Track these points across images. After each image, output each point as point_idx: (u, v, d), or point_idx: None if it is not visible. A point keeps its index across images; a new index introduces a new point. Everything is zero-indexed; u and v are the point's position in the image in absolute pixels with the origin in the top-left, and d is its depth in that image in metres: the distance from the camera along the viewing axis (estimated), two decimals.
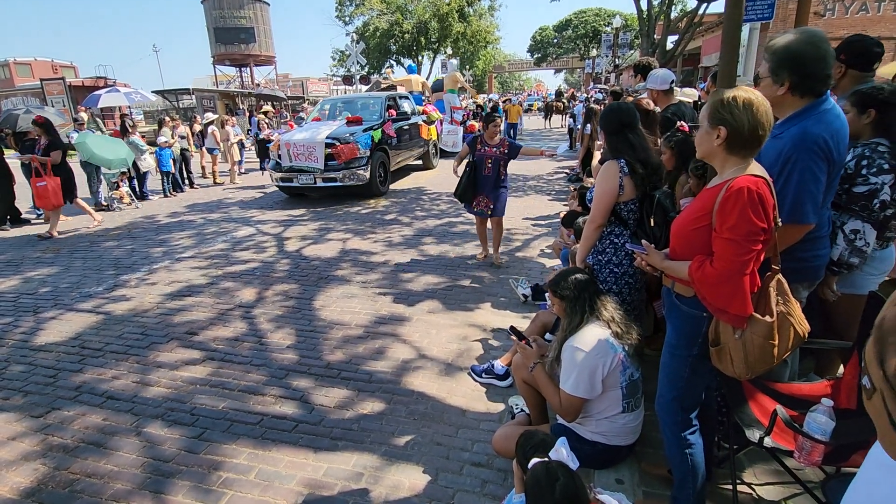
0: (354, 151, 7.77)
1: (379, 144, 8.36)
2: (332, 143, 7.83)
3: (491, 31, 36.48)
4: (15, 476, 2.24)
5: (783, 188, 1.66)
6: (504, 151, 4.58)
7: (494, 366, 2.91)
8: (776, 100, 1.70)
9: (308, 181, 8.03)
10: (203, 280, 4.71)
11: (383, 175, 8.70)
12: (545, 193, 8.49)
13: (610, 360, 1.88)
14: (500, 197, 4.69)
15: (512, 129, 16.04)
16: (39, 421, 2.65)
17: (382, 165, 8.61)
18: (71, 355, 3.36)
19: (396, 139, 9.17)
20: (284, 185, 8.44)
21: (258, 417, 2.63)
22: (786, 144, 1.66)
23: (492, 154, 4.55)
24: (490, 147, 4.58)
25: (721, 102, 1.44)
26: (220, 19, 34.66)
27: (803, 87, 1.66)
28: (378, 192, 8.40)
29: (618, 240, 2.31)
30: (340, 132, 8.09)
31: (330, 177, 7.89)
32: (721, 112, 1.43)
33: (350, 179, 7.90)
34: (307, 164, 7.93)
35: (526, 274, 4.63)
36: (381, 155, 8.49)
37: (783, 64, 1.65)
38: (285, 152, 8.05)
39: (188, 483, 2.18)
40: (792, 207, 1.65)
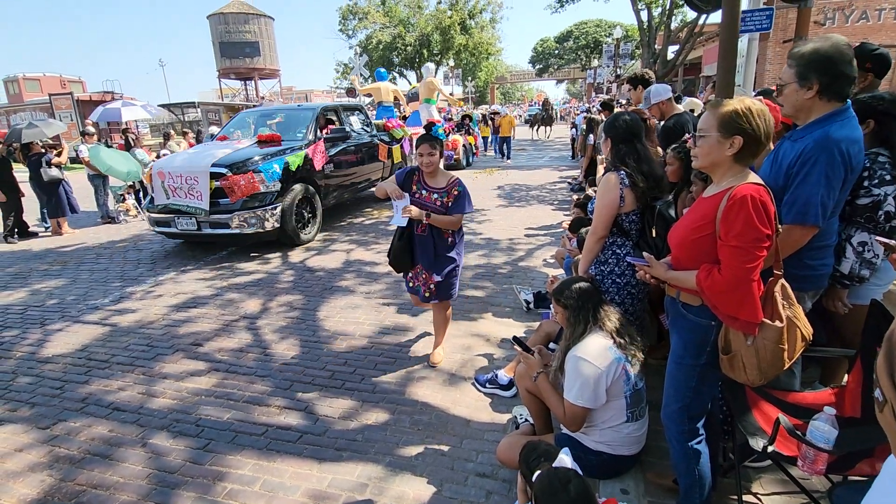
0: (254, 185, 5.56)
1: (299, 174, 6.13)
2: (220, 172, 5.57)
3: (493, 43, 36.90)
4: (22, 487, 2.26)
5: (797, 188, 1.68)
6: (449, 202, 2.92)
7: (498, 376, 2.91)
8: (802, 104, 1.72)
9: (189, 226, 5.70)
10: (208, 291, 4.75)
11: (309, 216, 6.36)
12: (548, 203, 8.52)
13: (613, 370, 1.89)
14: (447, 271, 3.02)
15: (505, 144, 14.96)
16: (46, 432, 2.67)
17: (306, 203, 6.31)
18: (77, 367, 3.38)
19: (334, 165, 6.94)
20: (162, 231, 6.11)
21: (263, 428, 2.64)
22: (807, 145, 1.68)
23: (430, 203, 2.91)
24: (429, 191, 2.94)
25: (737, 113, 1.46)
26: (226, 34, 35.21)
27: (832, 90, 1.67)
28: (297, 239, 6.09)
29: (620, 250, 2.32)
30: (237, 157, 5.82)
31: (220, 221, 5.58)
32: (738, 122, 1.45)
33: (249, 226, 5.57)
34: (187, 203, 5.64)
35: (529, 284, 4.64)
36: (303, 189, 6.17)
37: (812, 67, 1.66)
38: (158, 184, 5.83)
39: (193, 494, 2.19)
40: (801, 208, 1.67)
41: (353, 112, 8.25)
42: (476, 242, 6.14)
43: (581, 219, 3.96)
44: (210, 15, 35.38)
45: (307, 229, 6.36)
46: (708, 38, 17.65)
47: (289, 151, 6.15)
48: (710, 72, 18.08)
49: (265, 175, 5.69)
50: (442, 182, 2.95)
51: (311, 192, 6.40)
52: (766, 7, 6.40)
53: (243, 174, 5.59)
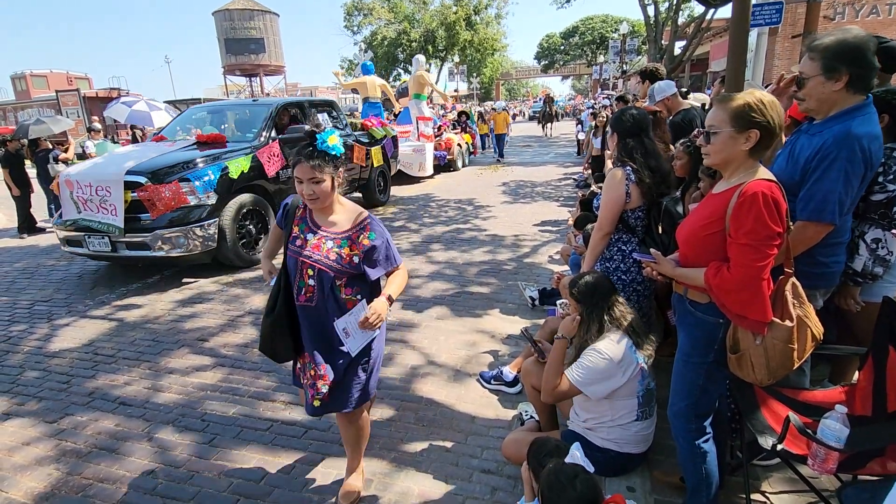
0: (180, 196, 4.52)
1: (244, 181, 5.10)
2: (137, 181, 4.56)
3: (498, 39, 36.74)
4: (29, 481, 2.27)
5: (814, 184, 1.64)
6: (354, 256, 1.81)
7: (503, 372, 2.90)
8: (828, 97, 1.66)
9: (102, 247, 4.70)
10: (214, 287, 4.76)
11: (260, 232, 5.33)
12: (553, 199, 8.49)
13: (631, 371, 1.87)
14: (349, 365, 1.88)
15: (499, 141, 14.46)
16: (53, 426, 2.68)
17: (255, 217, 5.21)
18: (84, 361, 3.40)
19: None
20: (73, 251, 5.02)
21: (268, 423, 2.64)
22: (827, 141, 1.63)
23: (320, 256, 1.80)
24: (320, 236, 1.83)
25: (750, 106, 1.42)
26: (231, 30, 35.24)
27: (861, 81, 1.62)
28: (240, 261, 5.07)
29: (625, 247, 2.30)
30: (159, 163, 4.79)
31: (138, 241, 4.57)
32: (751, 115, 1.42)
33: (176, 247, 4.54)
34: (99, 219, 4.62)
35: (534, 280, 4.62)
36: (251, 200, 5.14)
37: (840, 58, 1.60)
38: (67, 196, 4.84)
39: (199, 488, 2.19)
40: (818, 205, 1.63)
41: (323, 109, 7.19)
42: (481, 239, 6.13)
43: (586, 215, 3.94)
44: (215, 11, 35.41)
45: (258, 247, 5.28)
46: (715, 33, 17.48)
47: (230, 155, 5.14)
48: (717, 67, 17.93)
49: (196, 184, 4.61)
50: (343, 222, 1.84)
51: (261, 203, 5.35)
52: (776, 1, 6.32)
53: (167, 184, 4.55)
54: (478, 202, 8.46)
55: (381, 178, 8.25)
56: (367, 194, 8.10)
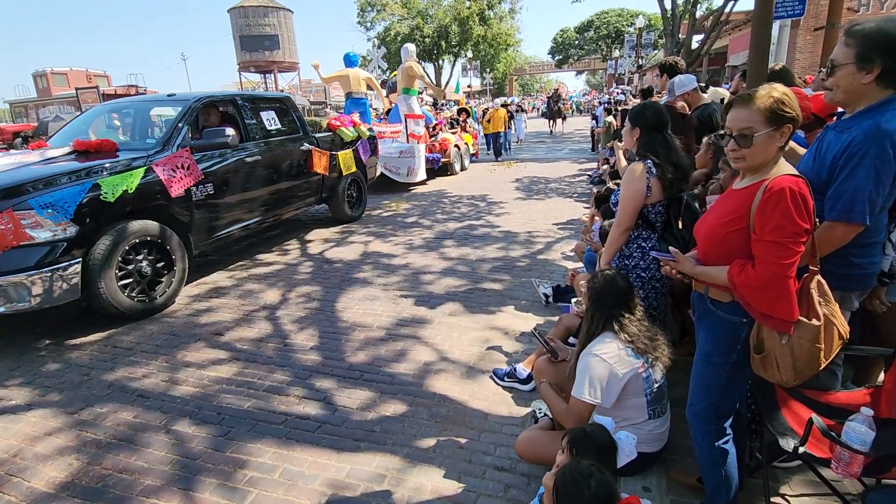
0: (18, 230, 3.29)
1: (135, 204, 3.85)
2: None
3: (511, 34, 36.44)
4: (51, 470, 2.32)
5: (842, 183, 1.58)
6: None
7: (517, 369, 2.89)
8: (857, 89, 1.59)
9: None
10: (229, 282, 4.81)
11: (160, 270, 4.05)
12: (567, 196, 8.42)
13: (630, 371, 1.84)
14: None
15: (496, 140, 13.68)
16: (74, 417, 2.74)
17: (151, 250, 3.97)
18: (104, 354, 3.46)
19: (217, 187, 4.55)
20: None
21: (282, 417, 2.67)
22: (856, 137, 1.56)
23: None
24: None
25: (781, 102, 1.38)
26: (246, 27, 35.54)
27: (893, 75, 1.55)
28: (126, 311, 3.80)
29: (645, 244, 2.26)
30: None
31: None
32: (784, 111, 1.38)
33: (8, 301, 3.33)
34: None
35: (548, 277, 4.59)
36: (141, 229, 3.85)
37: (876, 48, 1.53)
38: None
39: (215, 481, 2.22)
40: (846, 205, 1.57)
41: (269, 106, 5.69)
42: (494, 235, 6.10)
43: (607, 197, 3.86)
44: (231, 9, 35.73)
45: (158, 289, 4.04)
46: (734, 26, 17.14)
47: (109, 169, 3.78)
48: (736, 61, 17.59)
49: (44, 213, 3.34)
50: None
51: (162, 232, 4.03)
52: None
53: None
54: (491, 198, 8.43)
55: (354, 189, 7.05)
56: (335, 208, 6.87)
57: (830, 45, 6.73)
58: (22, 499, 2.15)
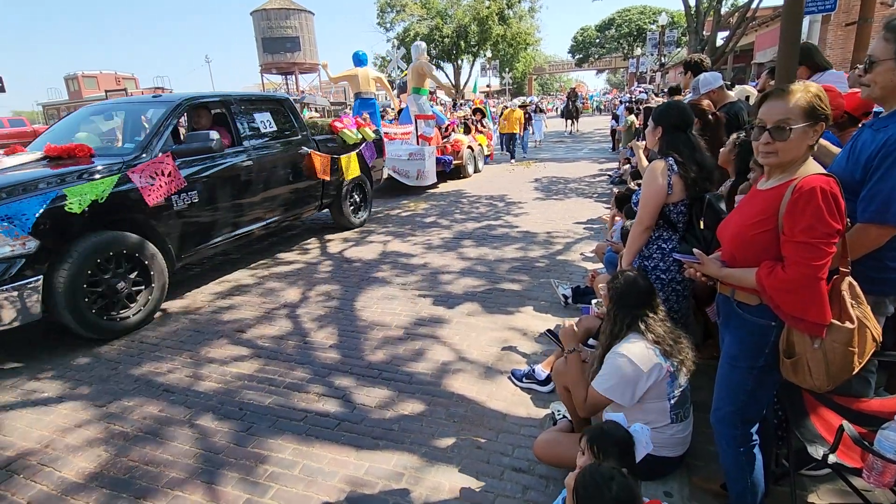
0: None
1: (108, 215, 3.58)
2: None
3: (531, 33, 36.23)
4: (80, 461, 2.39)
5: (877, 183, 1.53)
6: None
7: (535, 371, 2.87)
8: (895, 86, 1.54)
9: None
10: (251, 280, 4.89)
11: (137, 285, 3.78)
12: (587, 196, 8.33)
13: (655, 374, 1.81)
14: None
15: (511, 142, 13.21)
16: (102, 410, 2.82)
17: (128, 265, 3.69)
18: (131, 349, 3.55)
19: (202, 195, 4.26)
20: None
21: (302, 414, 2.70)
22: (892, 136, 1.52)
23: None
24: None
25: (819, 98, 1.34)
26: (268, 29, 36.08)
27: None
28: (93, 331, 3.51)
29: (665, 244, 2.22)
30: None
31: None
32: (820, 108, 1.34)
33: None
34: None
35: (567, 278, 4.55)
36: (112, 240, 3.56)
37: None
38: None
39: (237, 475, 2.26)
40: (881, 206, 1.53)
41: (264, 107, 5.36)
42: (512, 235, 6.08)
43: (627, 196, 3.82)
44: (253, 11, 36.31)
45: (131, 307, 3.76)
46: (761, 22, 16.71)
47: (78, 177, 3.47)
48: (763, 58, 17.15)
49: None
50: None
51: (138, 245, 3.72)
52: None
53: None
54: (509, 198, 8.39)
55: (358, 193, 6.75)
56: (337, 214, 6.57)
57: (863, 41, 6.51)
58: (53, 488, 2.22)
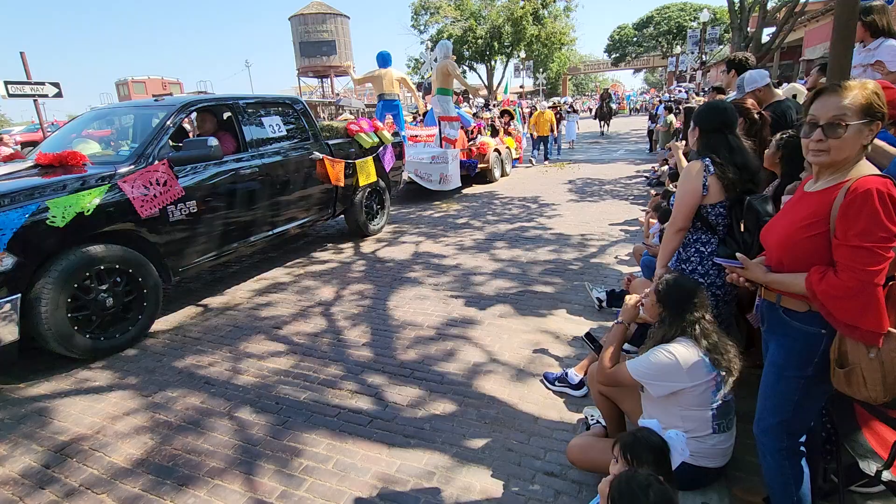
0: None
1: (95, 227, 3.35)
2: None
3: (566, 33, 35.80)
4: (128, 448, 2.51)
5: None
6: None
7: (568, 374, 2.83)
8: None
9: None
10: (287, 278, 5.02)
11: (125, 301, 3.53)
12: (623, 198, 8.16)
13: (702, 380, 1.76)
14: None
15: (542, 143, 12.73)
16: (148, 400, 2.95)
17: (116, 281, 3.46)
18: (174, 342, 3.71)
19: (199, 204, 3.99)
20: None
21: (336, 410, 2.75)
22: None
23: None
24: None
25: (877, 95, 1.29)
26: (305, 34, 37.01)
27: None
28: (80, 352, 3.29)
29: (704, 248, 2.15)
30: None
31: None
32: (878, 106, 1.29)
33: None
34: None
35: (602, 281, 4.47)
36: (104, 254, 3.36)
37: None
38: None
39: (273, 467, 2.32)
40: None
41: (273, 109, 5.12)
42: (546, 237, 6.01)
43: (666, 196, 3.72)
44: (292, 16, 37.33)
45: (122, 324, 3.54)
46: (811, 17, 15.96)
47: (63, 188, 3.22)
48: (812, 55, 16.37)
49: None
50: None
51: (131, 259, 3.53)
52: None
53: None
54: (542, 200, 8.31)
55: (375, 200, 6.48)
56: (352, 222, 6.30)
57: None
58: (103, 472, 2.34)
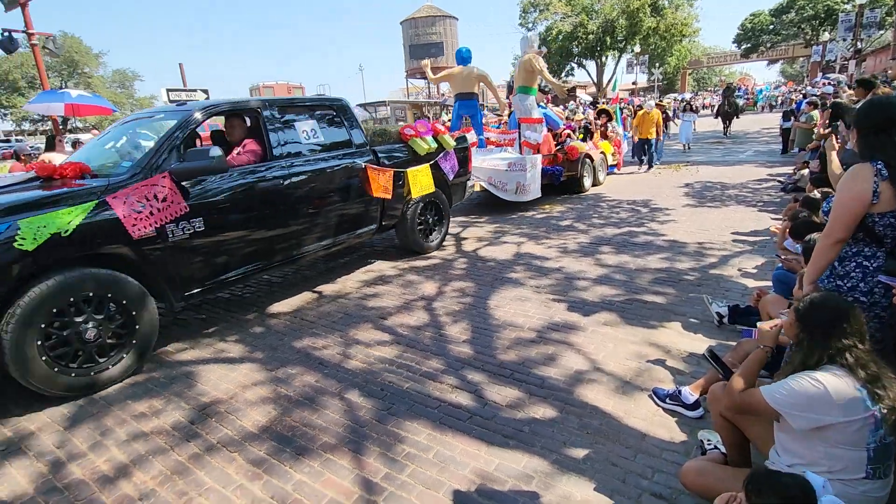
0: None
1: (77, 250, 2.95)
2: None
3: (688, 24, 33.10)
4: (255, 415, 2.81)
5: None
6: None
7: (682, 392, 2.63)
8: None
9: None
10: (393, 272, 5.26)
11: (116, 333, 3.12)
12: (750, 204, 7.36)
13: (858, 415, 1.52)
14: None
15: (643, 149, 11.39)
16: (272, 374, 3.28)
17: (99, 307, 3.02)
18: (294, 324, 4.07)
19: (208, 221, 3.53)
20: None
21: (437, 402, 2.83)
22: None
23: None
24: None
25: None
26: (415, 37, 38.45)
27: None
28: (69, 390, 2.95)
29: (869, 262, 1.86)
30: None
31: None
32: None
33: None
34: None
35: (722, 295, 4.08)
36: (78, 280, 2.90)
37: None
38: None
39: (377, 449, 2.46)
40: None
41: (309, 113, 4.60)
42: (657, 244, 5.63)
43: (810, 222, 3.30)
44: (403, 20, 38.99)
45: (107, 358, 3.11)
46: None
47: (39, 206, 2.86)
48: None
49: None
50: None
51: (113, 283, 3.07)
52: None
53: None
54: (654, 204, 7.79)
55: (431, 213, 5.76)
56: (404, 237, 5.64)
57: None
58: (235, 433, 2.65)
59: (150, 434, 2.67)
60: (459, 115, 8.55)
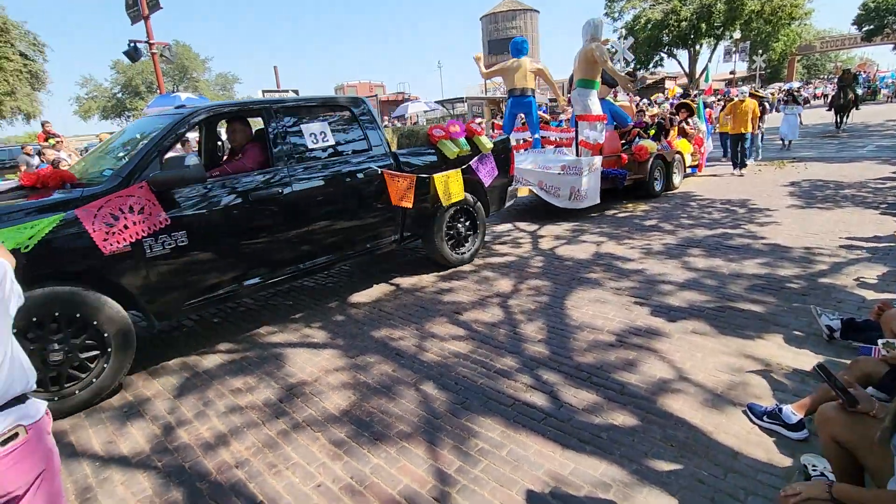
0: None
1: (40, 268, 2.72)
2: None
3: (799, 5, 29.90)
4: (336, 398, 2.97)
5: None
6: None
7: (783, 411, 2.39)
8: None
9: None
10: (468, 267, 5.29)
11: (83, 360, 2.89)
12: (869, 206, 6.53)
13: None
14: None
15: (741, 143, 9.72)
16: (352, 361, 3.43)
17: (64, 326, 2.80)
18: (372, 314, 4.23)
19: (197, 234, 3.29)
20: None
21: (511, 400, 2.81)
22: None
23: None
24: None
25: None
26: (494, 31, 38.23)
27: None
28: None
29: None
30: None
31: None
32: None
33: None
34: None
35: (833, 307, 3.66)
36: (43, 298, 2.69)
37: None
38: None
39: (451, 442, 2.49)
40: None
41: (319, 115, 4.23)
42: (755, 248, 5.17)
43: None
44: (483, 16, 38.89)
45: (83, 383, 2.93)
46: None
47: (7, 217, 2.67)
48: None
49: None
50: None
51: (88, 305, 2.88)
52: None
53: None
54: (753, 204, 7.15)
55: (462, 221, 5.20)
56: (431, 248, 5.09)
57: None
58: (318, 415, 2.81)
59: (245, 408, 2.91)
60: (513, 113, 7.96)
